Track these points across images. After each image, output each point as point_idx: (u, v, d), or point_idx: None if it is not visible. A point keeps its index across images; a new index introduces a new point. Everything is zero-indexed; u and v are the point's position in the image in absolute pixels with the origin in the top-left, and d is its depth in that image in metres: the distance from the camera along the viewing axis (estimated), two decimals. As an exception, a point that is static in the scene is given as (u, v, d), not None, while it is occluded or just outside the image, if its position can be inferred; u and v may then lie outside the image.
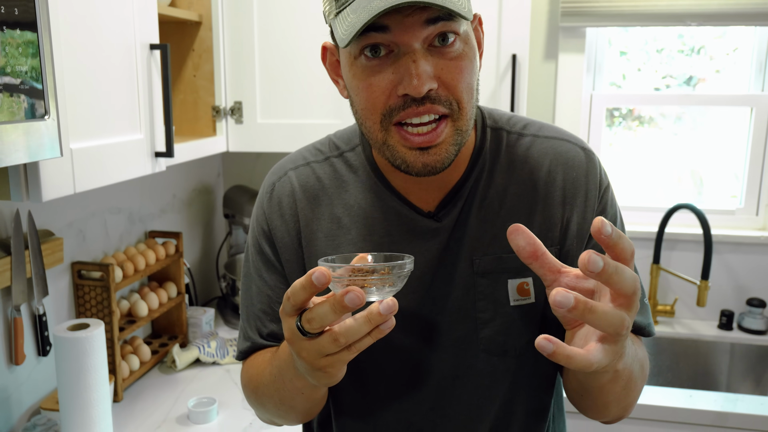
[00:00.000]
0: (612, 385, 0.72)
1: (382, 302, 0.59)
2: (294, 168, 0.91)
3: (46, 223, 1.46)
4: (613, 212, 0.87)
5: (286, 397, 0.81)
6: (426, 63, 0.69)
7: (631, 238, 2.20)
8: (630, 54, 2.29)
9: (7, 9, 0.81)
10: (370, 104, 0.73)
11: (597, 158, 0.87)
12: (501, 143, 0.85)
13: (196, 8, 1.68)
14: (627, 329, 0.55)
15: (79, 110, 1.07)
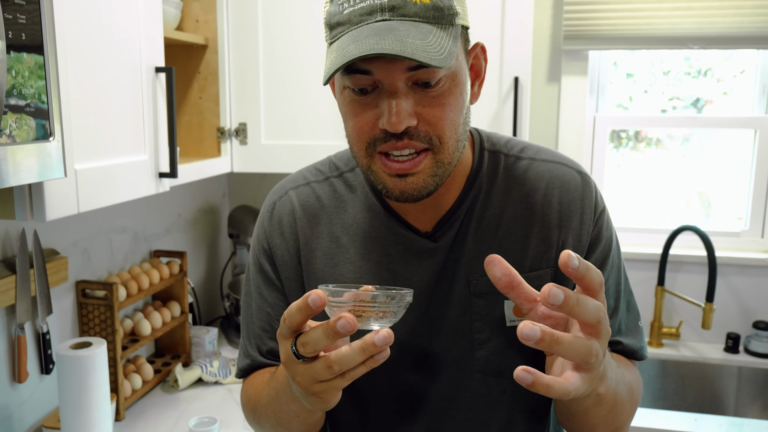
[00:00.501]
0: (596, 409, 0.72)
1: (377, 333, 0.59)
2: (294, 188, 0.93)
3: (52, 242, 1.48)
4: (608, 236, 0.87)
5: (282, 419, 0.81)
6: (406, 101, 0.71)
7: (636, 260, 2.20)
8: (637, 76, 2.31)
9: (15, 33, 0.83)
10: (355, 133, 0.75)
11: (593, 182, 0.88)
12: (498, 166, 0.87)
13: (202, 32, 1.71)
14: (596, 357, 0.56)
15: (85, 131, 1.09)
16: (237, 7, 1.71)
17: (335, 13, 0.72)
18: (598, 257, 0.86)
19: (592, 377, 0.58)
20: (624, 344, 0.86)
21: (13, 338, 1.36)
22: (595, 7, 2.10)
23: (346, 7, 0.70)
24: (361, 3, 0.69)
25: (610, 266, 0.87)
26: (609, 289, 0.86)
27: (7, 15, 0.82)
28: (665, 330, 2.18)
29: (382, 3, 0.68)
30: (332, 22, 0.72)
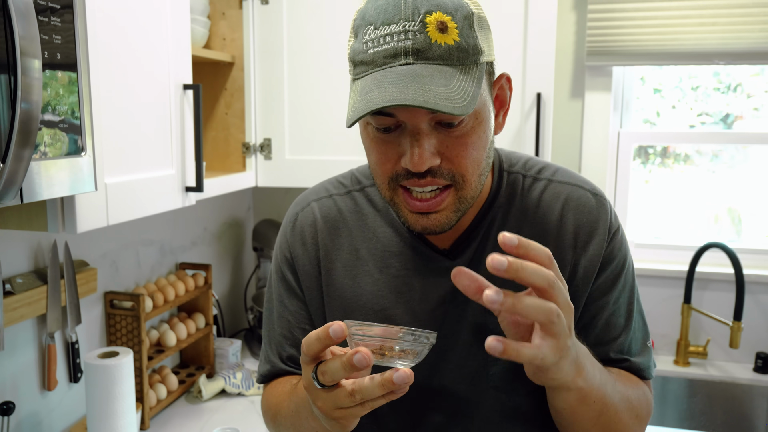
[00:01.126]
0: (583, 408, 0.73)
1: (397, 371, 0.60)
2: (317, 199, 0.95)
3: (82, 254, 1.52)
4: (621, 255, 0.88)
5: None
6: (429, 142, 0.71)
7: (661, 278, 2.18)
8: (664, 91, 2.30)
9: (50, 53, 0.87)
10: (379, 168, 0.77)
11: (608, 203, 0.89)
12: (517, 187, 0.88)
13: (229, 50, 1.76)
14: (558, 318, 0.59)
15: (115, 146, 1.13)
16: (263, 25, 1.75)
17: (359, 51, 0.72)
18: (609, 276, 0.87)
19: (560, 346, 0.61)
20: (632, 362, 0.87)
21: (43, 347, 1.40)
22: (619, 23, 2.10)
23: (371, 47, 0.70)
24: (385, 45, 0.68)
25: (621, 286, 0.87)
26: (620, 308, 0.87)
27: (44, 36, 0.86)
28: (692, 349, 2.15)
29: (406, 46, 0.68)
30: (356, 60, 0.73)
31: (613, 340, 0.86)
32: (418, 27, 0.67)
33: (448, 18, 0.68)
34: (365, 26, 0.71)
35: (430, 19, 0.67)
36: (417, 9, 0.68)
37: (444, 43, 0.68)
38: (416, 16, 0.67)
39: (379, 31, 0.69)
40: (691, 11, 2.04)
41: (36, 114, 0.78)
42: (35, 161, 0.85)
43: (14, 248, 1.32)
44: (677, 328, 2.20)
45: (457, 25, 0.69)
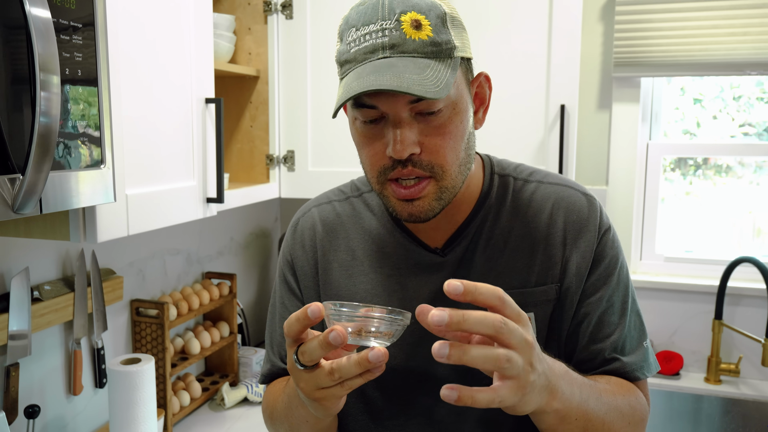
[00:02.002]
0: (564, 426, 0.73)
1: (373, 350, 0.63)
2: (318, 205, 1.01)
3: (109, 263, 1.56)
4: (612, 254, 0.89)
5: (294, 425, 0.86)
6: (410, 131, 0.76)
7: (692, 292, 2.13)
8: (705, 101, 2.25)
9: (71, 69, 0.91)
10: (368, 163, 0.82)
11: (598, 203, 0.92)
12: (507, 188, 0.92)
13: (254, 64, 1.79)
14: (509, 362, 0.59)
15: (136, 158, 1.17)
16: (287, 40, 1.78)
17: (344, 52, 0.78)
18: (601, 273, 0.88)
19: (520, 385, 0.61)
20: (623, 362, 0.87)
21: (69, 352, 1.44)
22: (647, 33, 2.07)
23: (353, 46, 0.76)
24: (365, 42, 0.75)
25: (614, 284, 0.89)
26: (613, 306, 0.88)
27: (65, 53, 0.90)
28: (724, 366, 2.09)
29: (383, 42, 0.73)
30: (341, 60, 0.78)
31: (606, 337, 0.87)
32: (393, 25, 0.73)
33: (421, 17, 0.74)
34: (348, 29, 0.77)
35: (404, 18, 0.73)
36: (393, 10, 0.74)
37: (418, 38, 0.73)
38: (392, 16, 0.74)
39: (360, 31, 0.75)
40: (721, 21, 2.00)
41: (54, 127, 0.81)
42: (55, 173, 0.88)
43: (43, 256, 1.37)
44: (708, 345, 2.15)
45: (430, 22, 0.74)
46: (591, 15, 2.16)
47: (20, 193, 0.81)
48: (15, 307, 1.25)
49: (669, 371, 2.15)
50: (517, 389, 0.61)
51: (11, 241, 1.29)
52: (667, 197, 2.31)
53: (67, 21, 0.90)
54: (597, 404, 0.76)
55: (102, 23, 0.96)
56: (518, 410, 0.65)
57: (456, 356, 0.58)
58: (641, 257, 2.30)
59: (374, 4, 0.75)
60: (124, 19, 1.12)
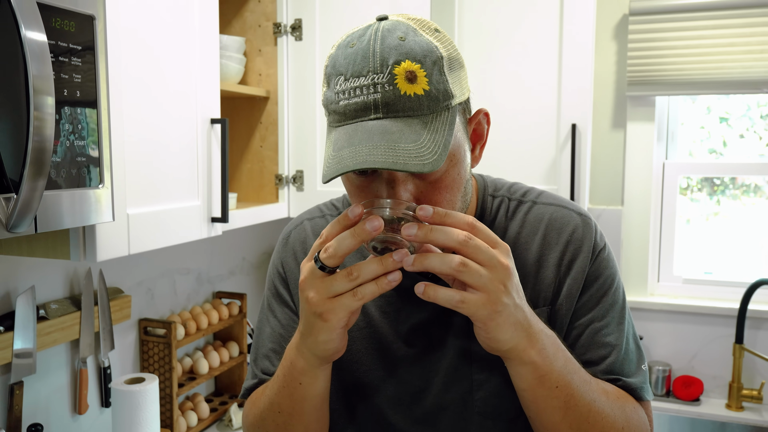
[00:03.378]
0: (543, 391, 0.72)
1: (398, 250, 0.65)
2: (310, 219, 1.00)
3: (118, 282, 1.58)
4: (607, 274, 0.87)
5: (284, 399, 0.82)
6: (404, 190, 0.71)
7: (711, 315, 2.08)
8: (731, 120, 2.21)
9: (69, 90, 0.92)
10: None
11: (593, 223, 0.90)
12: (500, 210, 0.90)
13: (264, 85, 1.81)
14: (465, 267, 0.64)
15: (140, 178, 1.18)
16: (296, 61, 1.80)
17: (332, 101, 0.72)
18: (594, 294, 0.86)
19: (490, 300, 0.65)
20: (625, 382, 0.85)
21: (75, 371, 1.45)
22: (661, 52, 2.05)
23: (342, 98, 0.70)
24: (355, 98, 0.69)
25: (609, 304, 0.87)
26: (608, 326, 0.86)
27: (64, 75, 0.91)
28: (745, 392, 2.02)
29: (375, 99, 0.67)
30: (329, 109, 0.73)
31: (602, 359, 0.84)
32: (386, 79, 0.67)
33: (416, 66, 0.68)
34: (336, 76, 0.71)
35: (398, 70, 0.67)
36: (385, 60, 0.68)
37: (413, 93, 0.68)
38: (384, 68, 0.67)
39: (349, 83, 0.69)
40: (737, 39, 1.97)
41: (48, 147, 0.82)
42: (51, 192, 0.89)
43: (51, 275, 1.38)
44: (729, 370, 2.08)
45: (426, 72, 0.68)
46: (604, 34, 2.15)
47: (14, 212, 0.82)
48: (20, 326, 1.26)
49: (689, 397, 2.08)
50: (486, 302, 0.65)
51: (18, 260, 1.30)
52: (693, 218, 2.26)
53: (66, 43, 0.91)
54: (584, 386, 0.75)
55: (102, 45, 0.98)
56: (490, 334, 0.67)
57: (418, 262, 0.64)
58: (659, 279, 2.25)
59: (364, 50, 0.69)
60: (127, 41, 1.14)
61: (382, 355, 0.88)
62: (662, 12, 2.04)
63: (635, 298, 2.18)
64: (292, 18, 1.80)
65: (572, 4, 1.69)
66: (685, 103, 2.23)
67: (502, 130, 1.78)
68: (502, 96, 1.78)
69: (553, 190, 1.75)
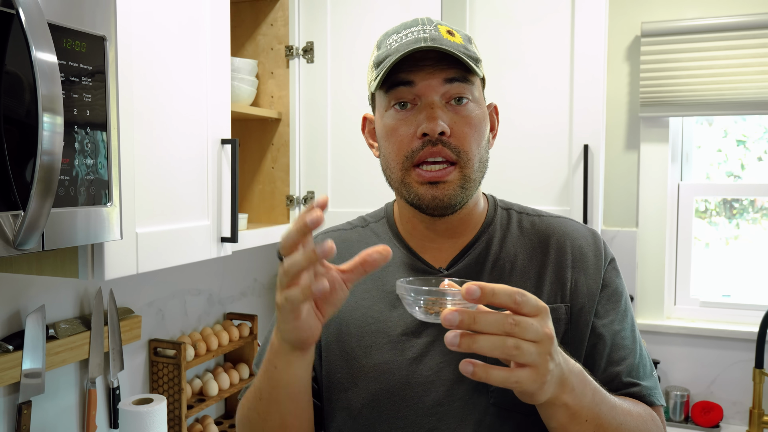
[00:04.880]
0: (575, 426, 0.72)
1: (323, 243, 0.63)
2: (324, 233, 1.02)
3: (128, 302, 1.58)
4: (620, 283, 0.92)
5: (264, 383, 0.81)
6: (443, 113, 0.83)
7: (729, 339, 2.03)
8: (749, 143, 2.19)
9: (79, 110, 0.94)
10: (395, 147, 0.85)
11: (601, 237, 0.96)
12: (511, 219, 0.96)
13: (276, 107, 1.83)
14: (518, 350, 0.61)
15: (149, 197, 1.18)
16: (308, 83, 1.81)
17: (382, 53, 0.85)
18: (611, 297, 0.90)
19: (539, 374, 0.63)
20: (642, 386, 0.88)
21: (84, 391, 1.45)
22: (674, 73, 2.04)
23: (393, 44, 0.84)
24: (406, 39, 0.83)
25: (623, 310, 0.91)
26: (625, 330, 0.90)
27: (74, 94, 0.93)
28: (767, 418, 1.97)
29: (424, 36, 0.82)
30: (378, 60, 0.85)
31: (622, 359, 0.88)
32: (432, 27, 0.84)
33: (453, 30, 0.86)
34: (388, 37, 0.86)
35: (441, 27, 0.84)
36: (431, 21, 0.86)
37: (453, 40, 0.83)
38: (431, 23, 0.85)
39: (401, 33, 0.84)
40: (750, 59, 1.96)
41: (56, 166, 0.83)
42: (59, 209, 0.90)
43: (61, 295, 1.39)
44: (749, 395, 2.03)
45: (461, 36, 0.85)
46: (616, 55, 2.14)
47: (22, 229, 0.82)
48: (29, 345, 1.26)
49: (708, 423, 2.03)
50: (537, 376, 0.63)
51: (29, 279, 1.31)
52: (712, 242, 2.22)
53: (77, 64, 0.93)
54: (611, 412, 0.76)
55: (113, 66, 0.99)
56: (534, 398, 0.66)
57: (466, 344, 0.61)
58: (675, 302, 2.21)
59: (413, 19, 0.87)
60: (138, 61, 1.15)
61: (394, 345, 0.88)
62: (674, 33, 2.04)
63: (651, 321, 2.14)
64: (304, 41, 1.82)
65: (583, 25, 1.69)
66: (702, 127, 2.22)
67: (514, 150, 1.78)
68: (514, 117, 1.78)
69: (565, 211, 1.74)
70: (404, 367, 0.87)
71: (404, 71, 0.82)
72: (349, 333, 0.90)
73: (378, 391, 0.87)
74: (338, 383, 0.90)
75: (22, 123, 0.85)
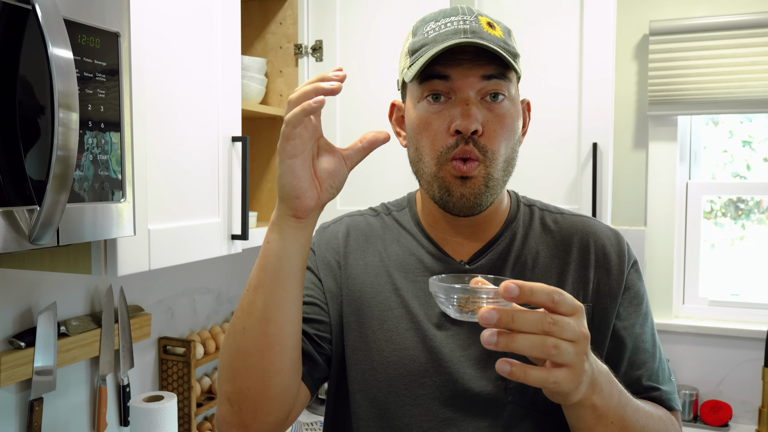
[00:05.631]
0: (600, 427, 0.72)
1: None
2: (349, 216, 1.02)
3: (138, 300, 1.58)
4: (642, 286, 0.92)
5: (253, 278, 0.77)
6: (477, 110, 0.81)
7: (739, 338, 2.03)
8: (755, 144, 2.18)
9: (93, 106, 0.94)
10: (429, 142, 0.84)
11: (624, 238, 0.95)
12: (534, 215, 0.96)
13: (285, 105, 1.83)
14: (556, 349, 0.61)
15: (161, 194, 1.19)
16: (317, 81, 1.81)
17: (419, 40, 0.83)
18: (633, 300, 0.90)
19: (577, 372, 0.63)
20: (662, 390, 0.89)
21: (95, 389, 1.45)
22: (682, 71, 2.04)
23: (431, 33, 0.82)
24: (446, 28, 0.81)
25: (644, 314, 0.91)
26: (645, 334, 0.91)
27: (88, 90, 0.93)
28: (776, 418, 1.96)
29: (465, 28, 0.81)
30: (415, 47, 0.83)
31: (643, 363, 0.89)
32: (473, 19, 0.82)
33: (494, 21, 0.84)
34: (424, 24, 0.84)
35: (481, 18, 0.83)
36: (471, 11, 0.84)
37: (493, 34, 0.81)
38: (471, 14, 0.83)
39: (440, 22, 0.83)
40: (759, 57, 1.96)
41: (72, 161, 0.83)
42: (74, 205, 0.90)
43: (72, 292, 1.39)
44: (758, 394, 2.02)
45: (501, 29, 0.84)
46: (624, 54, 2.14)
47: (37, 224, 0.83)
48: (41, 342, 1.27)
49: (717, 422, 2.03)
50: (574, 376, 0.63)
51: (41, 276, 1.32)
52: (718, 243, 2.22)
53: (91, 60, 0.93)
54: (635, 414, 0.76)
55: (126, 62, 0.99)
56: (569, 399, 0.66)
57: (503, 343, 0.60)
58: (684, 301, 2.20)
59: (452, 7, 0.85)
60: (151, 58, 1.16)
61: (415, 333, 0.87)
62: (682, 32, 2.03)
63: (660, 320, 2.13)
64: (312, 39, 1.82)
65: (592, 24, 1.69)
66: (708, 127, 2.21)
67: (524, 148, 1.75)
68: (521, 115, 1.78)
69: (574, 209, 1.73)
70: (424, 354, 0.86)
71: (441, 64, 0.80)
72: (370, 316, 0.89)
73: (396, 377, 0.87)
74: (357, 364, 0.89)
75: (37, 119, 0.85)
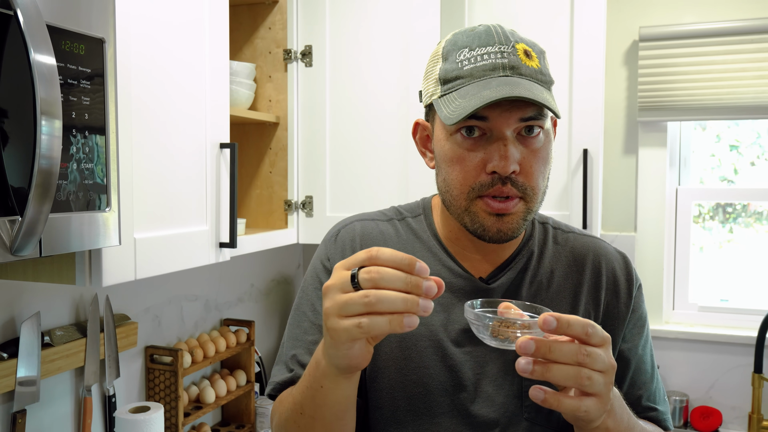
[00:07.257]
0: None
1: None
2: (360, 221, 0.98)
3: (124, 308, 1.56)
4: (644, 308, 0.96)
5: (307, 401, 0.78)
6: (514, 148, 0.79)
7: (728, 344, 2.03)
8: (741, 148, 2.19)
9: (78, 113, 0.92)
10: (462, 176, 0.82)
11: (630, 261, 0.97)
12: (548, 234, 0.96)
13: (274, 111, 1.81)
14: (589, 380, 0.63)
15: (147, 202, 1.17)
16: (306, 87, 1.80)
17: (452, 69, 0.81)
18: (636, 323, 0.93)
19: (603, 402, 0.65)
20: (659, 410, 0.93)
21: (80, 399, 1.42)
22: (672, 77, 2.04)
23: (466, 64, 0.79)
24: (483, 61, 0.79)
25: (645, 336, 0.94)
26: (646, 356, 0.94)
27: (72, 98, 0.91)
28: (766, 423, 1.96)
29: (503, 62, 0.78)
30: (449, 77, 0.81)
31: (643, 384, 0.92)
32: (511, 50, 0.79)
33: (530, 49, 0.81)
34: (458, 50, 0.81)
35: (518, 46, 0.80)
36: (507, 38, 0.80)
37: (530, 65, 0.80)
38: (508, 42, 0.80)
39: (475, 51, 0.80)
40: (749, 64, 1.96)
41: (54, 170, 0.81)
42: (57, 215, 0.88)
43: (57, 301, 1.37)
44: (748, 400, 2.03)
45: (537, 55, 0.82)
46: (614, 60, 2.14)
47: (19, 235, 0.81)
48: (24, 353, 1.24)
49: (707, 428, 2.03)
50: (601, 405, 0.65)
51: (24, 285, 1.29)
52: (706, 246, 2.22)
53: (75, 66, 0.91)
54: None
55: (111, 69, 0.97)
56: (592, 425, 0.68)
57: (539, 372, 0.63)
58: (674, 306, 2.20)
59: (487, 30, 0.81)
60: (137, 64, 1.14)
61: (435, 351, 0.87)
62: (672, 38, 2.04)
63: (650, 326, 2.13)
64: (302, 44, 1.81)
65: (582, 30, 1.69)
66: (695, 132, 2.21)
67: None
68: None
69: (565, 215, 1.73)
70: (443, 373, 0.87)
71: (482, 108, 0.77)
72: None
73: (415, 395, 0.87)
74: (375, 382, 0.89)
75: (19, 126, 0.83)
